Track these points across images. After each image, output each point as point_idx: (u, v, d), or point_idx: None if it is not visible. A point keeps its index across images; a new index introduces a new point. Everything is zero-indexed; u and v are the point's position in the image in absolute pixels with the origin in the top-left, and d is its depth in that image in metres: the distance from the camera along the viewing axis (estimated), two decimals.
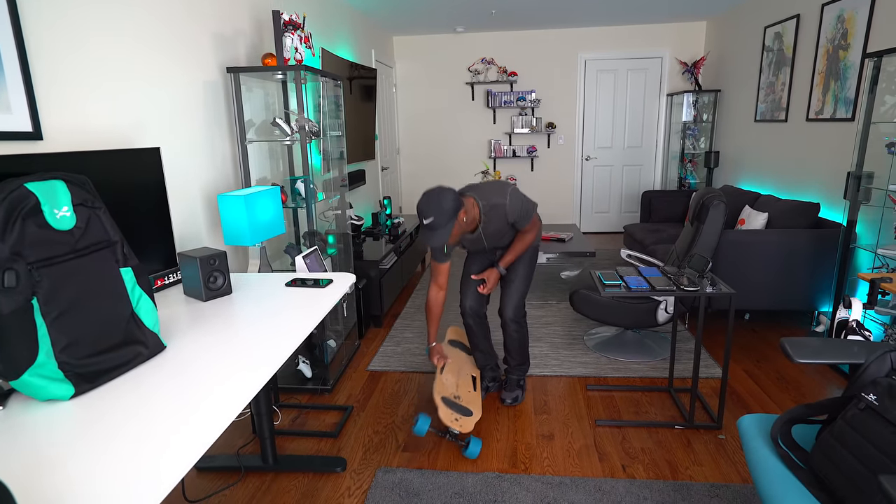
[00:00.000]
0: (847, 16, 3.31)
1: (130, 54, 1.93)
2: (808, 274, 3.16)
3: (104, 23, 1.80)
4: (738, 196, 4.13)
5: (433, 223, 2.03)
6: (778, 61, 4.19)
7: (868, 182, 2.74)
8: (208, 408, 1.01)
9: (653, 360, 2.95)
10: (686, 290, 2.11)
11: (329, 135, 3.02)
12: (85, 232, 1.15)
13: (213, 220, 2.44)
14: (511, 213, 2.22)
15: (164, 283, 1.80)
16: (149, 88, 2.03)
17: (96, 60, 1.77)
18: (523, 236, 2.39)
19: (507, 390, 2.56)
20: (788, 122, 4.03)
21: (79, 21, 1.69)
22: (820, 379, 2.71)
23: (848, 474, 1.08)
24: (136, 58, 1.96)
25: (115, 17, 1.85)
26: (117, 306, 1.19)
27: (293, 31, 2.50)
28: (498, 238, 2.36)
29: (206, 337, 1.37)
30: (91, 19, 1.74)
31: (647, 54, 5.88)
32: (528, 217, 2.28)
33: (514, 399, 2.53)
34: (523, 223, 2.29)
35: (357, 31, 4.71)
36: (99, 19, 1.78)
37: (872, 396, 1.11)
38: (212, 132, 2.46)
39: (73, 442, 0.92)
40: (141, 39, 1.98)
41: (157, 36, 2.08)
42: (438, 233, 2.05)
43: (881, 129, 2.72)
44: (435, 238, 2.06)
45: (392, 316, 3.75)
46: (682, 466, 2.06)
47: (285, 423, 2.43)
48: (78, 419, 1.00)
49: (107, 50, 1.82)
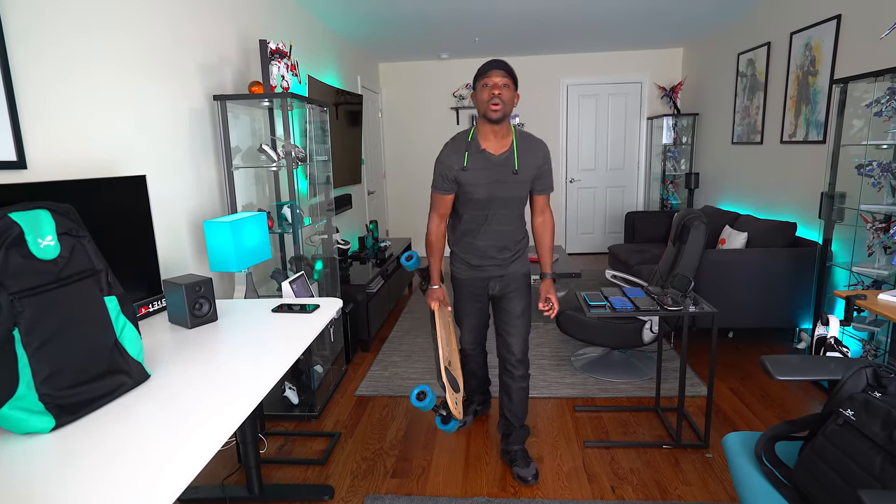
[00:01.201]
0: (814, 44, 3.46)
1: (117, 83, 1.94)
2: (788, 292, 3.22)
3: (90, 52, 1.82)
4: (719, 216, 4.22)
5: (506, 66, 1.86)
6: (752, 86, 4.33)
7: (841, 202, 2.83)
8: (193, 438, 1.00)
9: (640, 379, 2.96)
10: (669, 310, 2.14)
11: (315, 160, 3.05)
12: (69, 261, 1.15)
13: (199, 247, 2.44)
14: (545, 157, 2.01)
15: (149, 310, 1.78)
16: (135, 116, 2.04)
17: (82, 89, 1.78)
18: (545, 225, 2.14)
19: (521, 466, 2.14)
20: (764, 144, 4.15)
21: (65, 50, 1.71)
22: (803, 395, 2.75)
23: (829, 490, 1.10)
24: (123, 86, 1.98)
25: (102, 47, 1.87)
26: (101, 335, 1.18)
27: (280, 60, 2.54)
28: (518, 186, 1.98)
29: (191, 365, 1.36)
30: (78, 49, 1.76)
31: (627, 79, 6.04)
32: (551, 180, 2.08)
33: (535, 474, 2.12)
34: (547, 182, 2.05)
35: (343, 58, 4.79)
36: (86, 49, 1.80)
37: (850, 412, 1.14)
38: (198, 159, 2.47)
39: (49, 477, 0.90)
40: (127, 68, 2.00)
41: (144, 64, 2.10)
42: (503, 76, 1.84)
43: (850, 151, 2.82)
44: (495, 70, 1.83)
45: (380, 340, 3.73)
46: (671, 486, 2.06)
47: (271, 452, 2.39)
48: (56, 453, 0.98)
49: (93, 79, 1.83)
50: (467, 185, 1.95)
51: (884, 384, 1.18)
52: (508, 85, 1.85)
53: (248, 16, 2.99)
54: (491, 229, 2.05)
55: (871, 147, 2.65)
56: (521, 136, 1.97)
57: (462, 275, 2.17)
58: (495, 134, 1.92)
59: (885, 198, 2.58)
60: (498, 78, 1.84)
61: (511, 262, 2.12)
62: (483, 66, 1.88)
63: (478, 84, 1.89)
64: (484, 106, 1.87)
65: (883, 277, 2.55)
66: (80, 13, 1.77)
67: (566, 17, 4.33)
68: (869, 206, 2.62)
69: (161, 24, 2.21)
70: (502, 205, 2.00)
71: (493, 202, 1.99)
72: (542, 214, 2.14)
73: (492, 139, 1.93)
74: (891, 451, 1.02)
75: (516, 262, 2.13)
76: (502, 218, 2.03)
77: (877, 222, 2.58)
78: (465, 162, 1.94)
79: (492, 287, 2.14)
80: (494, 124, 1.89)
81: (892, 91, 2.49)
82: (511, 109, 1.89)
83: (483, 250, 2.08)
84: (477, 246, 2.08)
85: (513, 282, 2.13)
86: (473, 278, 2.14)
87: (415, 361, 3.33)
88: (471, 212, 2.03)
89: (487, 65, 1.87)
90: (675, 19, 4.51)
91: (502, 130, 1.93)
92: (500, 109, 1.85)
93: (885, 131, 2.56)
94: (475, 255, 2.09)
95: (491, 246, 2.07)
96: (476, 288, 2.16)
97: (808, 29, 3.52)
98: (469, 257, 2.12)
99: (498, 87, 1.84)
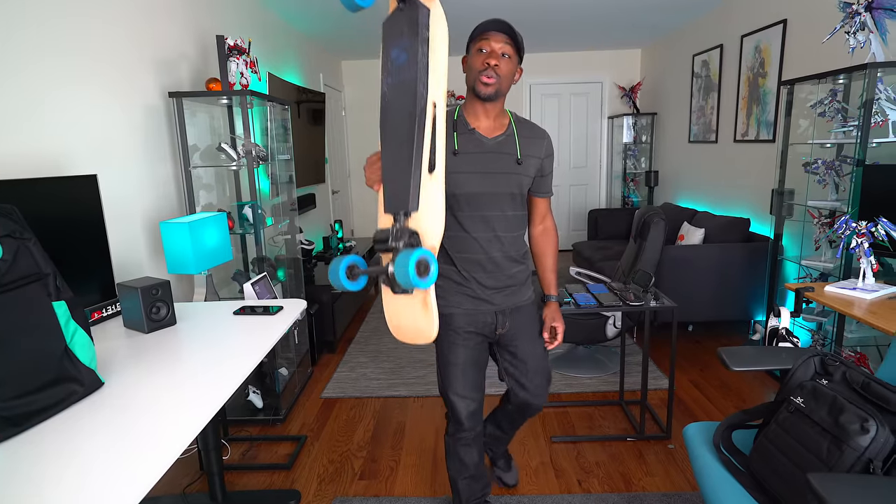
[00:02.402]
0: (763, 46, 3.60)
1: (66, 79, 1.85)
2: (744, 285, 3.35)
3: (39, 48, 1.73)
4: (678, 213, 4.35)
5: (509, 30, 1.42)
6: (706, 87, 4.48)
7: (790, 198, 2.96)
8: (150, 446, 0.96)
9: (604, 374, 3.03)
10: (632, 306, 2.20)
11: (277, 159, 2.99)
12: (12, 265, 1.09)
13: (156, 248, 2.35)
14: (548, 149, 1.59)
15: (103, 315, 1.71)
16: (86, 114, 1.95)
17: (29, 86, 1.69)
18: (546, 235, 1.70)
19: (504, 469, 2.06)
20: (719, 143, 4.30)
21: (11, 45, 1.62)
22: (759, 385, 2.86)
23: (783, 475, 1.15)
24: (72, 82, 1.89)
25: (51, 42, 1.78)
26: (48, 342, 1.12)
27: (238, 56, 2.48)
28: (519, 180, 1.52)
29: (148, 371, 1.31)
30: (25, 43, 1.67)
31: (588, 79, 6.16)
32: (551, 179, 1.66)
33: (517, 480, 2.07)
34: (549, 182, 1.65)
35: (304, 56, 4.70)
36: (33, 44, 1.71)
37: (800, 399, 1.19)
38: (153, 158, 2.38)
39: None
40: (78, 63, 1.91)
41: (96, 60, 2.01)
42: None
43: (798, 149, 2.95)
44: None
45: (346, 341, 3.69)
46: (635, 478, 2.11)
47: (235, 458, 2.33)
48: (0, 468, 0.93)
49: (41, 76, 1.74)
50: (456, 173, 1.45)
51: (830, 372, 1.24)
52: (510, 55, 1.43)
53: (205, 11, 2.90)
54: (489, 237, 1.53)
55: (817, 146, 2.78)
56: (520, 120, 1.57)
57: (454, 309, 1.56)
58: (487, 113, 1.50)
59: (829, 194, 2.71)
60: (498, 43, 1.41)
61: (521, 286, 1.63)
62: (480, 25, 1.43)
63: (472, 47, 1.46)
64: (474, 76, 1.44)
65: (829, 270, 2.68)
66: (26, 7, 1.68)
67: (527, 18, 4.38)
68: (815, 202, 2.74)
69: (115, 18, 2.12)
70: (498, 203, 1.52)
71: (489, 199, 1.50)
72: (542, 222, 1.70)
73: (483, 119, 1.51)
74: (836, 434, 1.07)
75: (525, 285, 1.64)
76: (501, 222, 1.53)
77: (823, 217, 2.71)
78: (456, 144, 1.48)
79: (500, 323, 1.59)
80: (486, 102, 1.47)
81: (834, 93, 2.62)
82: (508, 87, 1.48)
83: (479, 264, 1.53)
84: (472, 261, 1.53)
85: (523, 315, 1.63)
86: (469, 313, 1.56)
87: (382, 361, 3.31)
88: (462, 213, 1.50)
89: (486, 24, 1.42)
90: (633, 21, 4.62)
91: (495, 110, 1.51)
92: (493, 84, 1.42)
93: (829, 131, 2.69)
94: (469, 274, 1.54)
95: (489, 260, 1.54)
96: (473, 326, 1.57)
97: (757, 32, 3.66)
98: (460, 280, 1.55)
99: (495, 56, 1.41)
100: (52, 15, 1.80)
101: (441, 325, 1.48)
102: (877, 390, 1.12)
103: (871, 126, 2.33)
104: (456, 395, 1.60)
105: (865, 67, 2.28)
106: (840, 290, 2.15)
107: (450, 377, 1.60)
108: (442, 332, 1.52)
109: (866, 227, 2.06)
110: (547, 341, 1.67)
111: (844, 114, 2.59)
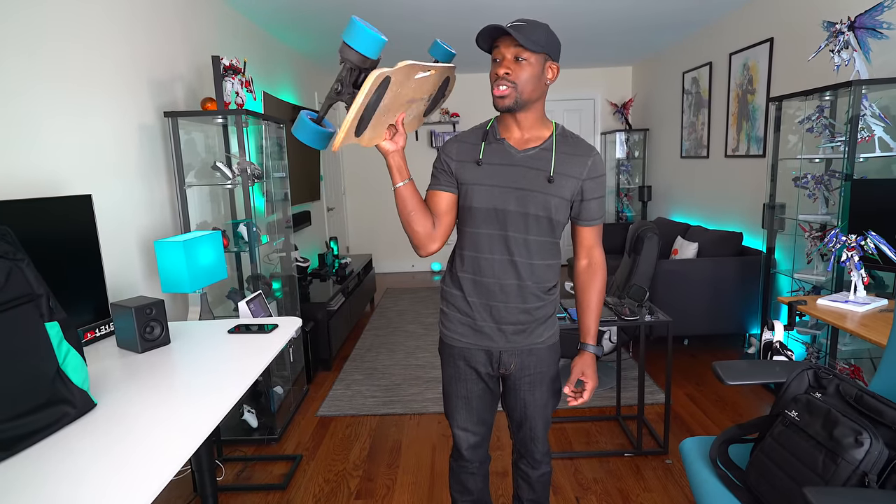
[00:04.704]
0: (751, 64, 3.67)
1: (62, 99, 1.87)
2: (738, 299, 3.37)
3: (34, 69, 1.74)
4: (671, 227, 4.38)
5: (520, 30, 1.23)
6: (697, 103, 4.55)
7: (781, 212, 2.99)
8: (143, 468, 0.95)
9: (600, 389, 3.02)
10: (627, 320, 2.20)
11: (272, 177, 3.00)
12: (5, 286, 1.09)
13: (150, 268, 2.35)
14: (594, 168, 1.36)
15: (96, 335, 1.70)
16: (81, 134, 1.96)
17: (25, 107, 1.70)
18: (592, 271, 1.45)
19: None
20: (710, 158, 4.35)
21: (6, 68, 1.63)
22: (754, 398, 2.86)
23: (779, 489, 1.15)
24: (68, 103, 1.90)
25: (46, 64, 1.80)
26: (40, 364, 1.12)
27: (234, 76, 2.50)
28: (550, 201, 1.33)
29: (142, 391, 1.30)
30: (20, 66, 1.69)
31: (580, 96, 6.24)
32: (598, 205, 1.41)
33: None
34: (596, 207, 1.40)
35: (299, 75, 4.75)
36: (28, 66, 1.72)
37: (794, 413, 1.19)
38: (148, 177, 2.39)
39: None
40: (73, 84, 1.93)
41: (91, 80, 2.03)
42: (527, 33, 1.22)
43: (787, 164, 2.99)
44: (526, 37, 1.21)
45: (341, 358, 3.67)
46: (633, 494, 2.09)
47: (229, 478, 2.30)
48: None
49: (37, 96, 1.75)
50: (475, 185, 1.34)
51: (824, 385, 1.25)
52: (526, 59, 1.24)
53: (200, 32, 2.94)
54: (504, 261, 1.36)
55: (806, 161, 2.82)
56: (565, 133, 1.38)
57: (456, 340, 1.45)
58: (518, 124, 1.35)
59: (819, 208, 2.74)
60: (507, 49, 1.25)
61: (538, 325, 1.44)
62: (483, 31, 1.26)
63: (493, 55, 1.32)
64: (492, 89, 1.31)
65: (821, 283, 2.70)
66: (23, 32, 1.70)
67: None
68: (806, 216, 2.78)
69: (111, 40, 2.14)
70: (519, 223, 1.34)
71: (509, 217, 1.34)
72: (588, 255, 1.46)
73: (514, 130, 1.36)
74: (831, 448, 1.08)
75: (545, 324, 1.46)
76: (521, 246, 1.36)
77: (814, 231, 2.74)
78: (482, 153, 1.35)
79: (504, 363, 1.44)
80: (507, 113, 1.34)
81: (821, 109, 2.66)
82: (535, 92, 1.29)
83: (489, 291, 1.38)
84: (482, 286, 1.39)
85: (536, 358, 1.45)
86: (470, 348, 1.44)
87: (377, 379, 3.29)
88: (479, 230, 1.37)
89: (488, 31, 1.25)
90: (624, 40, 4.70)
91: (528, 120, 1.34)
92: (506, 94, 1.27)
93: (817, 146, 2.73)
94: (476, 302, 1.40)
95: (500, 288, 1.38)
96: (474, 362, 1.45)
97: (745, 50, 3.73)
98: (466, 309, 1.42)
99: (506, 64, 1.25)
100: (48, 34, 1.82)
101: (444, 353, 1.51)
102: (870, 403, 1.12)
103: (858, 141, 2.37)
104: (457, 426, 1.53)
105: (850, 84, 2.33)
106: (832, 303, 2.17)
107: (451, 408, 1.52)
108: (445, 360, 1.51)
109: (856, 240, 2.09)
110: (570, 396, 1.42)
111: (832, 129, 2.63)
